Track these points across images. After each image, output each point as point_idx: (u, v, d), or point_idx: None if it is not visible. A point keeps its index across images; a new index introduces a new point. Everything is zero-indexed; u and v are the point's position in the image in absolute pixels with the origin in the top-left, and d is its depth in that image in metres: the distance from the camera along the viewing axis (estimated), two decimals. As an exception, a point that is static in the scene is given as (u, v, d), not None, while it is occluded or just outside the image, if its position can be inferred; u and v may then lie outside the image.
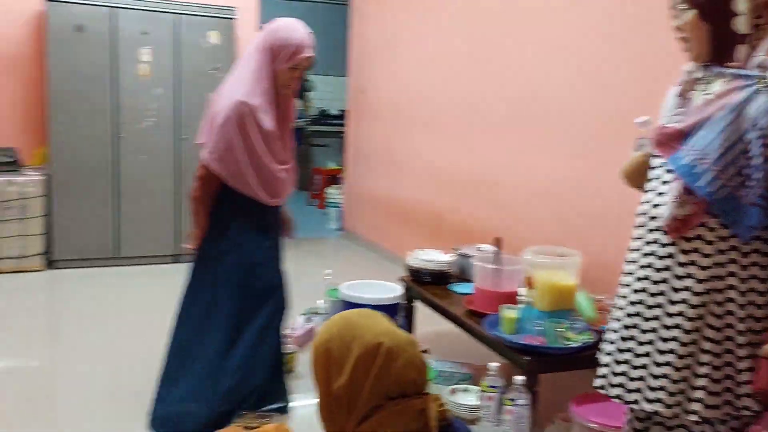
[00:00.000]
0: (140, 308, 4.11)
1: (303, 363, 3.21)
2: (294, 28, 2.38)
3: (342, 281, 3.46)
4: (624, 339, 1.50)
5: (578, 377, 2.98)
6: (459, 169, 4.33)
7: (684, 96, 1.46)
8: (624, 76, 3.04)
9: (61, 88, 4.61)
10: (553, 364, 2.31)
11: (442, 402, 1.47)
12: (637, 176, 1.63)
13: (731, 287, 1.36)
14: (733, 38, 1.36)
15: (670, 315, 1.41)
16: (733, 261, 1.36)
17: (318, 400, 1.51)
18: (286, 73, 2.38)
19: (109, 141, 4.78)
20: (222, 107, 2.34)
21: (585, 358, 2.33)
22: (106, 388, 3.00)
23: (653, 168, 1.51)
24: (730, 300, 1.36)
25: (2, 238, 4.49)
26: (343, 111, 8.91)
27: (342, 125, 8.43)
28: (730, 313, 1.36)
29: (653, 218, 1.47)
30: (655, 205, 1.47)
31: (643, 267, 1.48)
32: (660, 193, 1.47)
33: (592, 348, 2.31)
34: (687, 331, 1.39)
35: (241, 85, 2.35)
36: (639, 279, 1.48)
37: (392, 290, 3.33)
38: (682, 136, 1.40)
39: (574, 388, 2.75)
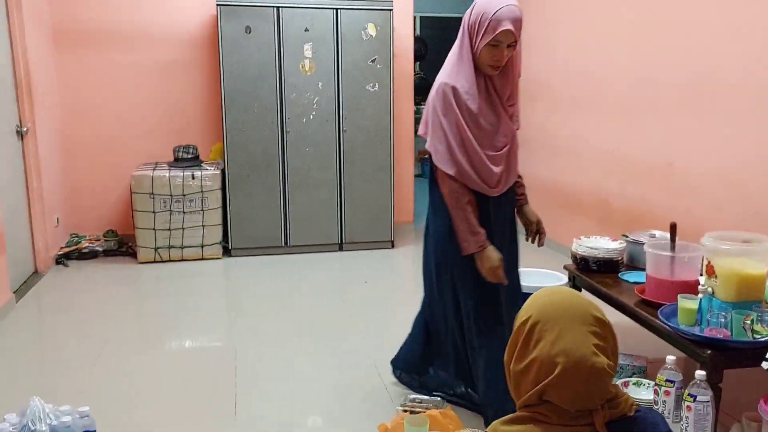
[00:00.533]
0: (309, 293, 4.36)
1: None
2: (491, 1, 2.17)
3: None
4: None
5: (765, 375, 2.71)
6: (627, 152, 4.08)
7: None
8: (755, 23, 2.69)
9: (233, 88, 4.98)
10: (738, 359, 2.12)
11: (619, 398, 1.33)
12: None
13: None
14: None
15: None
16: None
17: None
18: (487, 52, 2.20)
19: (277, 136, 5.09)
20: (430, 95, 2.35)
21: (777, 354, 2.11)
22: (279, 367, 3.21)
23: None
24: None
25: (187, 228, 4.96)
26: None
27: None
28: None
29: None
30: None
31: None
32: None
33: (786, 343, 2.09)
34: None
35: (444, 69, 2.32)
36: None
37: (556, 279, 3.23)
38: None
39: (763, 385, 2.50)
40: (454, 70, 2.27)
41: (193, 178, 4.93)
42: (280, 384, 3.02)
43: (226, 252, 5.15)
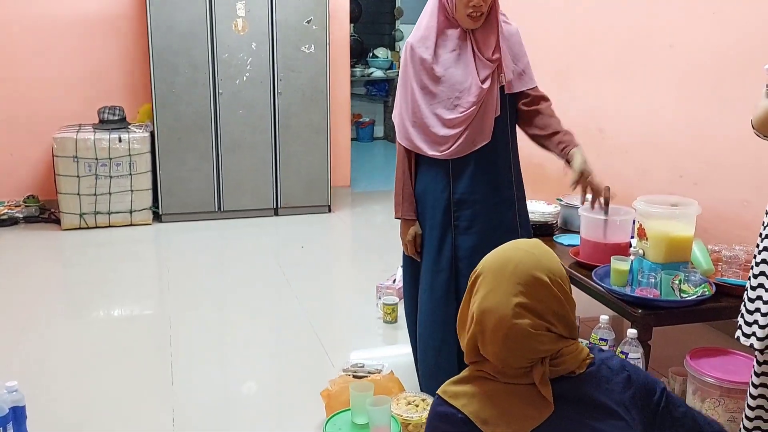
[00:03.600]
0: (244, 259, 4.28)
1: (403, 315, 3.25)
2: None
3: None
4: None
5: (693, 331, 2.87)
6: (560, 117, 4.15)
7: None
8: (745, 11, 2.79)
9: (162, 47, 4.76)
10: (667, 318, 2.21)
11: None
12: None
13: None
14: None
15: None
16: None
17: None
18: (461, 1, 2.05)
19: (209, 97, 4.92)
20: None
21: (701, 311, 2.22)
22: (215, 334, 3.16)
23: None
24: None
25: (114, 193, 4.76)
26: (433, 60, 8.79)
27: (433, 75, 8.33)
28: None
29: None
30: None
31: None
32: None
33: (709, 301, 2.21)
34: None
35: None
36: None
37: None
38: None
39: (688, 342, 2.64)
40: (419, 28, 2.18)
41: (120, 140, 4.72)
42: (218, 351, 2.97)
43: (157, 218, 4.98)
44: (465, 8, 2.05)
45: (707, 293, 2.21)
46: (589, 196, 2.20)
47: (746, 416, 1.64)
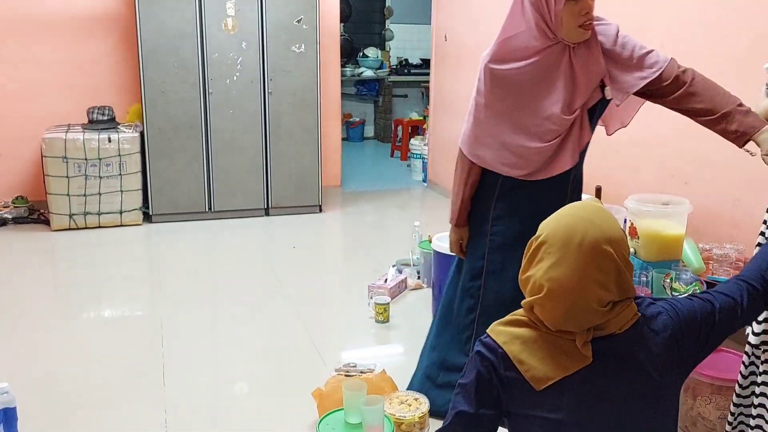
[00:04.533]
0: (235, 259, 4.27)
1: (396, 314, 3.25)
2: None
3: (432, 232, 3.45)
4: None
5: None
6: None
7: None
8: (739, 14, 2.81)
9: (152, 46, 4.73)
10: (659, 316, 2.23)
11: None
12: None
13: None
14: None
15: None
16: None
17: None
18: (570, 10, 1.77)
19: (199, 97, 4.89)
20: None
21: (692, 309, 2.24)
22: (207, 335, 3.15)
23: None
24: None
25: (104, 193, 4.72)
26: (423, 60, 8.78)
27: (423, 74, 8.32)
28: None
29: None
30: None
31: None
32: None
33: (701, 299, 2.22)
34: None
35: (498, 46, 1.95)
36: None
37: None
38: None
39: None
40: (502, 44, 1.93)
41: (110, 141, 4.69)
42: (210, 352, 2.96)
43: (147, 218, 4.95)
44: (576, 18, 1.78)
45: (698, 292, 2.23)
46: None
47: (731, 412, 1.66)
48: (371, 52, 8.96)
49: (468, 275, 2.19)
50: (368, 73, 8.81)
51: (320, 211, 5.31)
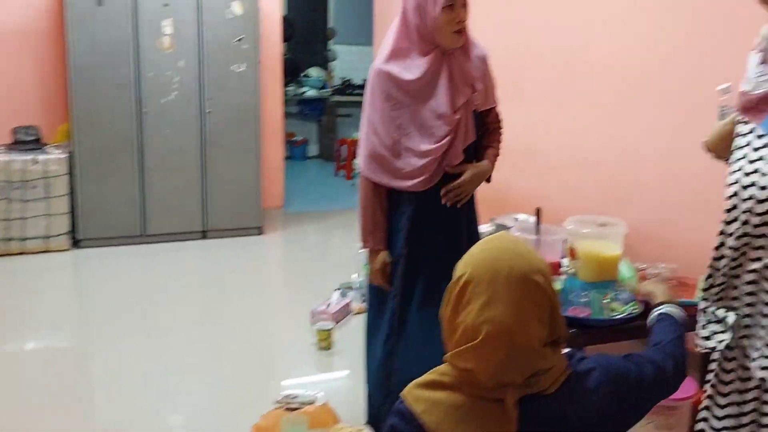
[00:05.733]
0: (171, 285, 4.11)
1: (340, 340, 3.18)
2: None
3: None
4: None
5: (623, 349, 2.90)
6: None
7: (765, 56, 1.38)
8: (667, 37, 2.88)
9: (83, 64, 4.56)
10: (598, 336, 2.22)
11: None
12: (724, 146, 1.54)
13: None
14: None
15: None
16: None
17: None
18: (445, 18, 1.94)
19: (133, 116, 4.73)
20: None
21: (630, 329, 2.24)
22: (139, 366, 2.99)
23: (741, 135, 1.44)
24: None
25: (27, 218, 4.49)
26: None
27: (366, 95, 8.35)
28: None
29: (746, 187, 1.39)
30: (747, 173, 1.39)
31: (738, 238, 1.41)
32: (752, 161, 1.38)
33: (638, 318, 2.23)
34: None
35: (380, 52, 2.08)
36: (734, 249, 1.42)
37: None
38: None
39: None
40: (385, 53, 2.05)
41: (36, 162, 4.47)
42: (141, 384, 2.81)
43: (75, 243, 4.73)
44: (450, 25, 1.95)
45: (636, 311, 2.24)
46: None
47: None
48: (314, 72, 8.93)
49: (379, 299, 2.13)
50: (311, 93, 8.77)
51: (261, 233, 5.19)
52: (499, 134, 2.25)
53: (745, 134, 1.42)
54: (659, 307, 1.63)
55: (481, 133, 2.19)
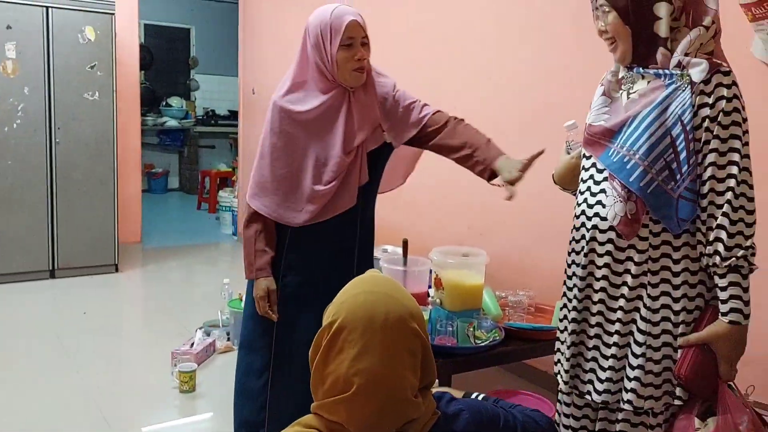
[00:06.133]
0: (13, 331, 3.73)
1: (203, 381, 3.04)
2: (322, 10, 1.94)
3: (241, 290, 3.29)
4: (576, 333, 1.52)
5: (487, 375, 3.02)
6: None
7: (609, 95, 1.48)
8: (512, 76, 3.10)
9: None
10: (464, 364, 2.30)
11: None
12: (571, 179, 1.63)
13: (665, 281, 1.39)
14: (655, 41, 1.38)
15: (613, 310, 1.44)
16: (666, 255, 1.38)
17: None
18: (344, 55, 1.89)
19: (-30, 146, 4.31)
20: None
21: (494, 355, 2.34)
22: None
23: (585, 169, 1.52)
24: (666, 294, 1.39)
25: None
26: (231, 111, 8.64)
27: (231, 125, 8.18)
28: (666, 306, 1.39)
29: (590, 218, 1.48)
30: (591, 205, 1.47)
31: (584, 267, 1.49)
32: (594, 194, 1.47)
33: (500, 345, 2.34)
34: (624, 324, 1.42)
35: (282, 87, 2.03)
36: (582, 278, 1.50)
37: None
38: (610, 134, 1.42)
39: (484, 386, 2.77)
40: (287, 87, 2.01)
41: None
42: (-24, 445, 2.51)
43: None
44: (350, 63, 1.90)
45: (498, 338, 2.34)
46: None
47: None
48: (175, 101, 8.66)
49: (259, 329, 2.08)
50: (172, 123, 8.47)
51: (117, 270, 4.87)
52: (464, 125, 2.08)
53: (587, 168, 1.51)
54: None
55: (440, 147, 2.07)
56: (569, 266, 1.57)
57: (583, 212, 1.50)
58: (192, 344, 3.25)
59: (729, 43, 2.22)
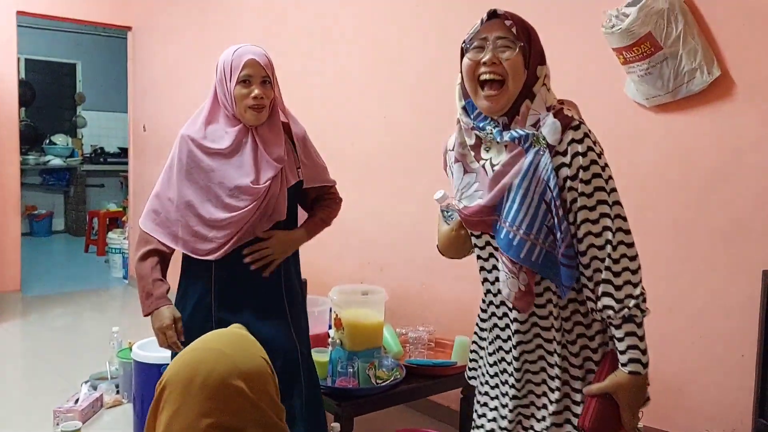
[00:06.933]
0: None
1: (88, 439, 2.82)
2: (228, 49, 1.99)
3: (133, 338, 3.11)
4: (486, 393, 1.53)
5: (391, 414, 2.99)
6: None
7: (469, 169, 1.44)
8: (406, 114, 3.16)
9: None
10: (366, 406, 2.26)
11: None
12: (456, 249, 1.58)
13: (554, 340, 1.40)
14: (525, 96, 1.36)
15: (509, 373, 1.45)
16: (553, 315, 1.39)
17: None
18: (240, 92, 1.91)
19: None
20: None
21: (396, 394, 2.32)
22: None
23: (478, 247, 1.49)
24: (564, 347, 1.39)
25: None
26: (121, 149, 8.29)
27: (121, 163, 7.83)
28: (565, 358, 1.39)
29: (494, 294, 1.47)
30: (493, 282, 1.47)
31: (490, 329, 1.51)
32: (493, 268, 1.46)
33: (402, 383, 2.32)
34: (519, 382, 1.43)
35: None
36: (491, 342, 1.51)
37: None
38: (491, 210, 1.38)
39: (389, 426, 2.73)
40: (195, 122, 2.00)
41: None
42: None
43: None
44: (245, 100, 1.91)
45: (399, 377, 2.33)
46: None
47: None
48: (60, 139, 8.22)
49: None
50: (57, 162, 8.02)
51: (-8, 322, 4.49)
52: (331, 207, 2.18)
53: (482, 247, 1.47)
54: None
55: (313, 206, 2.17)
56: (478, 332, 1.58)
57: (486, 280, 1.49)
58: (77, 400, 3.02)
59: (605, 84, 2.37)
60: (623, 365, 1.31)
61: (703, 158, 2.13)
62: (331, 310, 2.52)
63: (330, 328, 2.53)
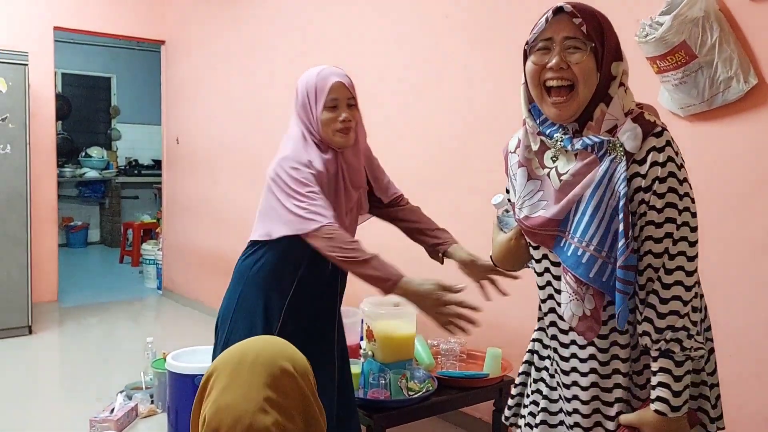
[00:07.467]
0: None
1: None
2: (310, 71, 1.94)
3: (167, 348, 3.15)
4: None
5: (423, 425, 2.98)
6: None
7: (534, 175, 1.30)
8: (439, 122, 3.15)
9: None
10: (398, 417, 2.26)
11: None
12: (512, 259, 1.45)
13: (616, 371, 1.28)
14: (601, 100, 1.22)
15: (568, 400, 1.34)
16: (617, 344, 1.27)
17: None
18: (328, 117, 1.86)
19: None
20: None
21: (428, 406, 2.32)
22: None
23: (537, 260, 1.36)
24: (618, 386, 1.28)
25: None
26: (155, 161, 8.43)
27: (155, 175, 7.97)
28: (628, 389, 1.29)
29: (546, 313, 1.37)
30: (545, 300, 1.37)
31: (543, 358, 1.43)
32: (553, 290, 1.34)
33: (434, 395, 2.31)
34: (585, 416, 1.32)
35: (286, 149, 1.94)
36: (539, 370, 1.44)
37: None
38: (555, 223, 1.25)
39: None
40: (296, 150, 1.90)
41: None
42: None
43: None
44: (333, 124, 1.86)
45: (431, 388, 2.32)
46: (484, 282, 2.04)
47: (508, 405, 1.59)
48: (95, 151, 8.39)
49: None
50: (92, 174, 8.19)
51: (30, 332, 4.57)
52: (420, 212, 2.24)
53: (539, 260, 1.35)
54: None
55: (402, 216, 2.23)
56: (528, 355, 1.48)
57: (544, 300, 1.37)
58: (112, 410, 3.06)
59: (638, 93, 2.33)
60: (651, 401, 1.20)
61: (741, 167, 2.09)
62: (363, 322, 2.53)
63: (362, 339, 2.54)
